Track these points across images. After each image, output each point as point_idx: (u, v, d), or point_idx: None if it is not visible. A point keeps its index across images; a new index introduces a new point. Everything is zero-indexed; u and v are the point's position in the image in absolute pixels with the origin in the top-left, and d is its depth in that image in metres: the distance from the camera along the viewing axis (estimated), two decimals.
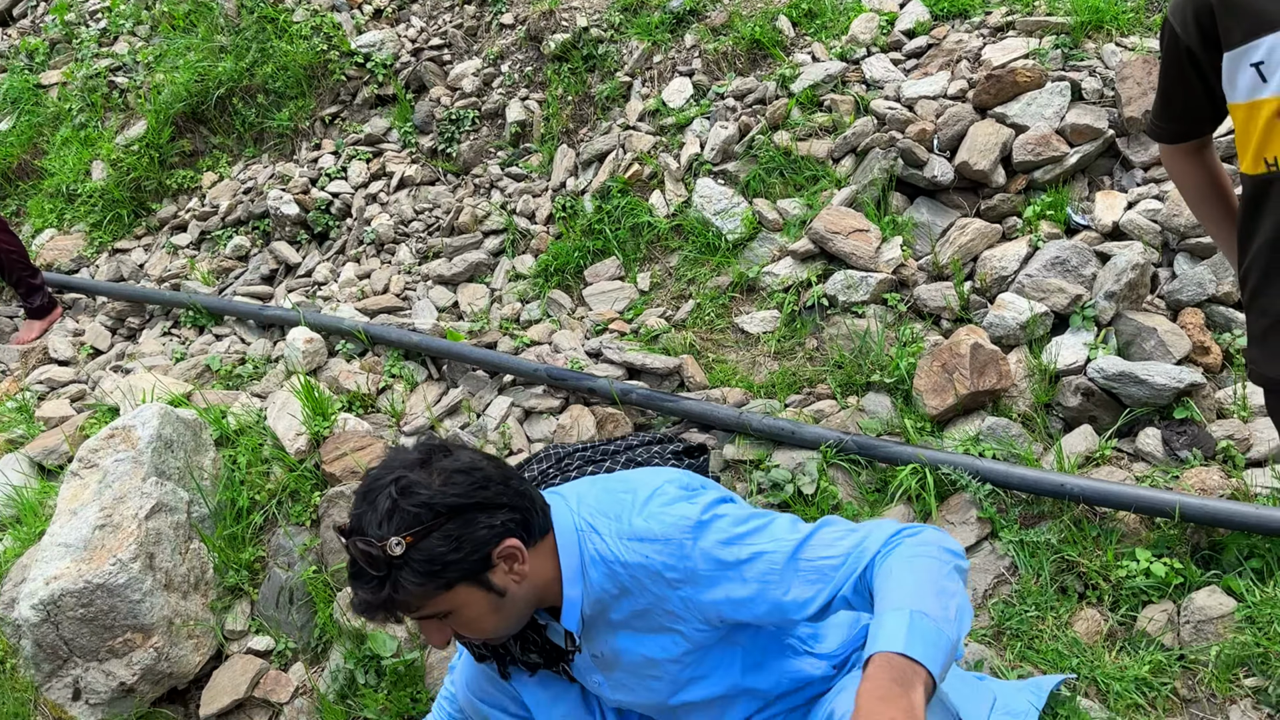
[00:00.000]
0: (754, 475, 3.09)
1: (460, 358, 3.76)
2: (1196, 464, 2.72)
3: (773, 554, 1.61)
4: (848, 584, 1.60)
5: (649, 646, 1.73)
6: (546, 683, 1.93)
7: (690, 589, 1.63)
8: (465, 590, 1.57)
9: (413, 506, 1.52)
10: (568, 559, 1.68)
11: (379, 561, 1.51)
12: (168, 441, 3.40)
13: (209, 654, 3.26)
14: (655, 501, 1.66)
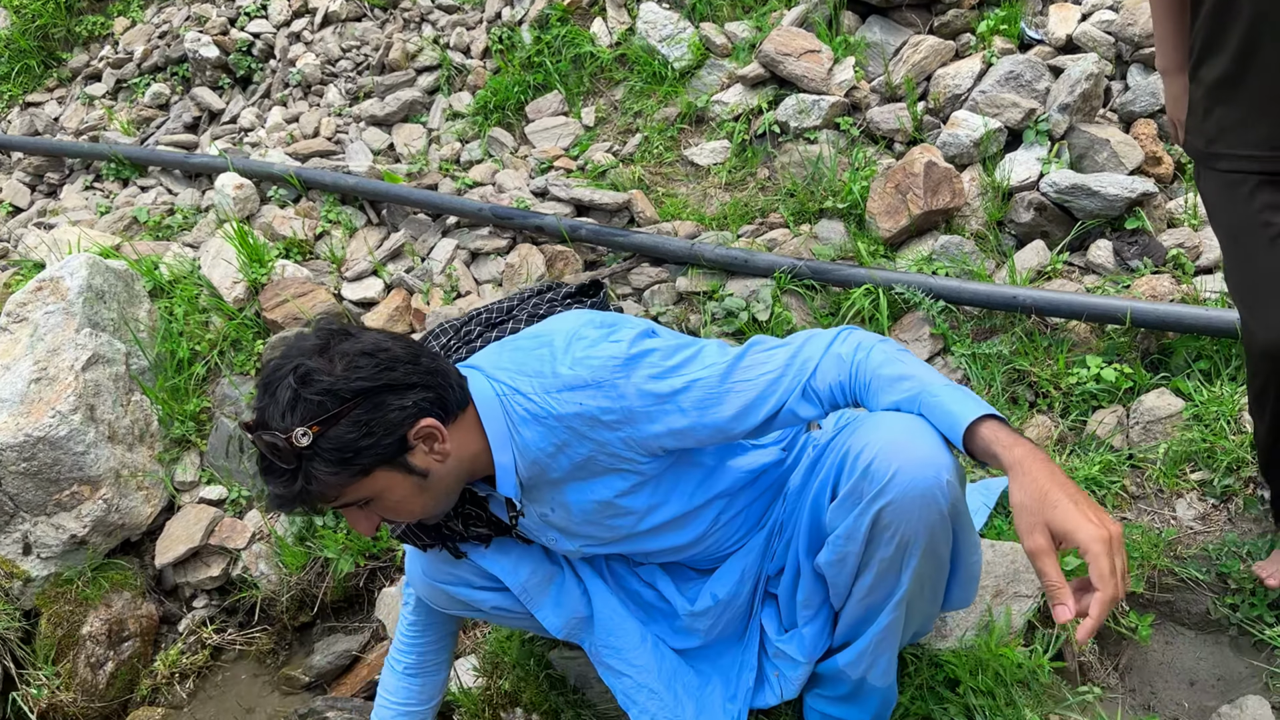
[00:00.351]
0: (708, 306, 3.06)
1: (400, 200, 3.63)
2: (1147, 272, 2.74)
3: (706, 378, 1.58)
4: (793, 395, 1.58)
5: (598, 490, 1.69)
6: (504, 549, 1.87)
7: (629, 428, 1.59)
8: (384, 475, 1.50)
9: (315, 395, 1.42)
10: (493, 427, 1.61)
11: (287, 454, 1.42)
12: (99, 292, 3.27)
13: (160, 506, 3.22)
14: (577, 347, 1.59)
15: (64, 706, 2.93)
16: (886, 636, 1.67)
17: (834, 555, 1.60)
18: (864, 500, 1.49)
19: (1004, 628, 2.02)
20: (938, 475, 1.44)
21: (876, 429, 1.50)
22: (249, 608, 3.14)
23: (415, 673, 2.09)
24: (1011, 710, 1.92)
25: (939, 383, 1.51)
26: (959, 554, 1.61)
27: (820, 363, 1.59)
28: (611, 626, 1.91)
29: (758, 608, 1.94)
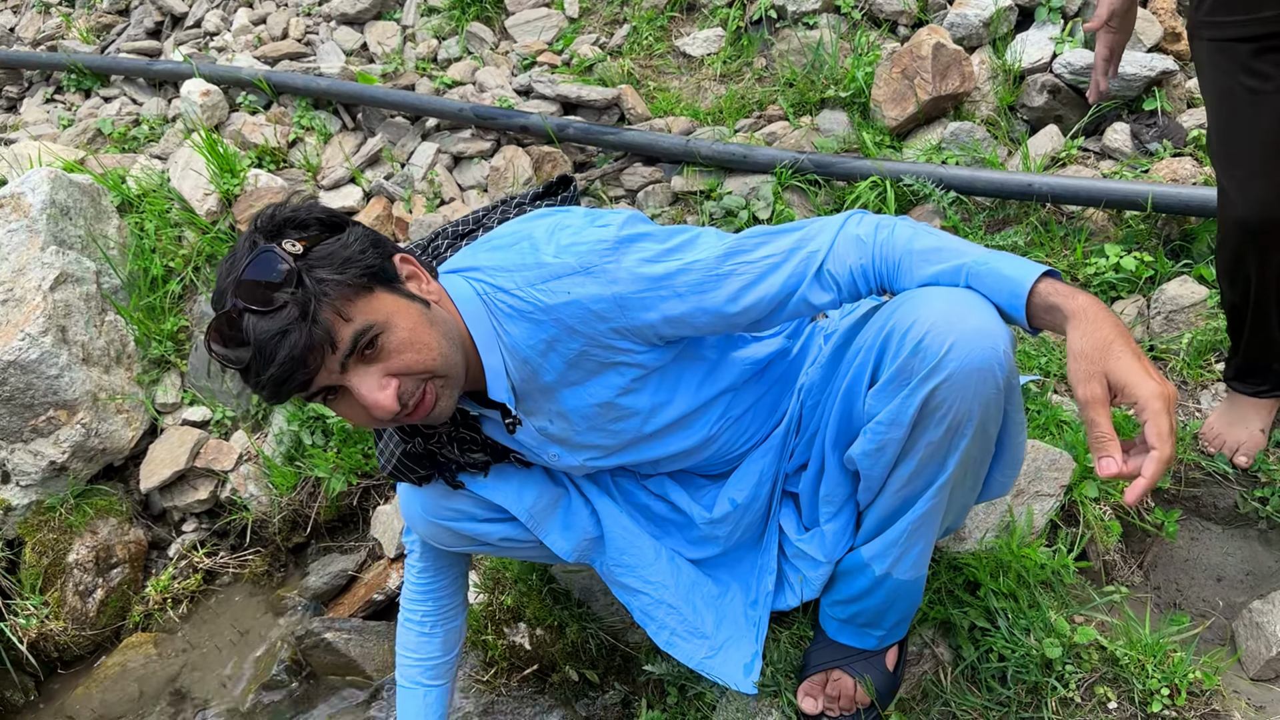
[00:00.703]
0: (705, 205, 2.91)
1: (376, 102, 3.45)
2: (1167, 156, 2.60)
3: (704, 260, 1.47)
4: (805, 281, 1.48)
5: (596, 391, 1.58)
6: (505, 475, 1.76)
7: (622, 316, 1.47)
8: (387, 296, 1.35)
9: (287, 216, 1.33)
10: (478, 328, 1.49)
11: (282, 271, 1.27)
12: (63, 208, 3.10)
13: (142, 429, 3.11)
14: (561, 236, 1.47)
15: (54, 636, 2.86)
16: (922, 525, 1.56)
17: (873, 444, 1.49)
18: (915, 379, 1.38)
19: (1025, 528, 1.93)
20: (995, 346, 1.34)
21: (924, 303, 1.38)
22: (240, 530, 3.05)
23: (434, 621, 2.00)
24: (1035, 613, 1.85)
25: (980, 250, 1.40)
26: (1006, 435, 1.51)
27: (833, 247, 1.48)
28: (623, 545, 1.82)
29: (776, 509, 1.85)
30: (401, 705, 1.99)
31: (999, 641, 1.83)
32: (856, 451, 1.53)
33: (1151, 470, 1.20)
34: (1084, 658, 1.81)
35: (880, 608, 1.72)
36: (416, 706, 1.98)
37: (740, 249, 1.49)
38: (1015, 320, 1.38)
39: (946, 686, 1.86)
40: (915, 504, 1.54)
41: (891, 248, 1.46)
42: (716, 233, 1.54)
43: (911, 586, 1.68)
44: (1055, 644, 1.79)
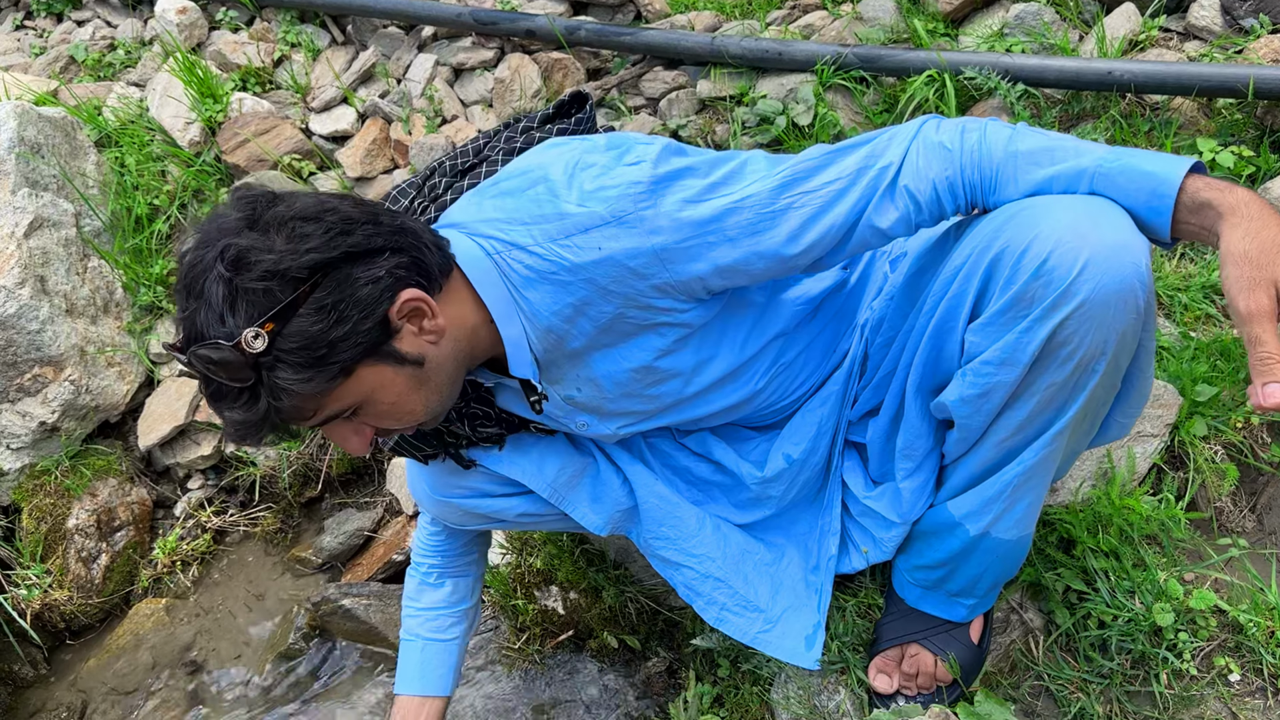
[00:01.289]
0: (736, 112, 2.61)
1: (366, 11, 3.13)
2: (1264, 33, 2.27)
3: (757, 195, 1.21)
4: (872, 203, 1.22)
5: (632, 355, 1.34)
6: (522, 447, 1.54)
7: (665, 271, 1.22)
8: (370, 372, 1.16)
9: (257, 281, 1.07)
10: (492, 294, 1.25)
11: (238, 367, 1.08)
12: (34, 145, 2.84)
13: (137, 382, 2.89)
14: (584, 178, 1.21)
15: (59, 606, 2.69)
16: (1030, 479, 1.32)
17: (975, 389, 1.24)
18: (1037, 309, 1.14)
19: (1126, 475, 1.68)
20: (1137, 263, 1.10)
21: (1044, 214, 1.13)
22: (248, 486, 2.85)
23: (440, 573, 1.79)
24: (1141, 573, 1.61)
25: (1102, 147, 1.15)
26: (1134, 367, 1.26)
27: (907, 158, 1.22)
28: (660, 516, 1.59)
29: (838, 462, 1.61)
30: (401, 661, 1.79)
31: (1099, 606, 1.60)
32: (951, 398, 1.28)
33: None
34: (1200, 624, 1.57)
35: (974, 574, 1.48)
36: (413, 662, 1.77)
37: (798, 177, 1.22)
38: (1154, 228, 1.13)
39: (1038, 658, 1.64)
40: (1021, 455, 1.30)
41: (987, 152, 1.19)
42: (765, 157, 1.27)
43: (1013, 548, 1.43)
44: (1166, 609, 1.56)
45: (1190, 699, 1.55)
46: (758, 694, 1.77)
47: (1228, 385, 1.77)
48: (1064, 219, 1.11)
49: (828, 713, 1.65)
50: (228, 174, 2.94)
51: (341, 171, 2.90)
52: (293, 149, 2.90)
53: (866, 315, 1.54)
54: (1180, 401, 1.73)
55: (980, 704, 1.59)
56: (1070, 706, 1.59)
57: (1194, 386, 1.73)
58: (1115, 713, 1.57)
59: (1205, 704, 1.54)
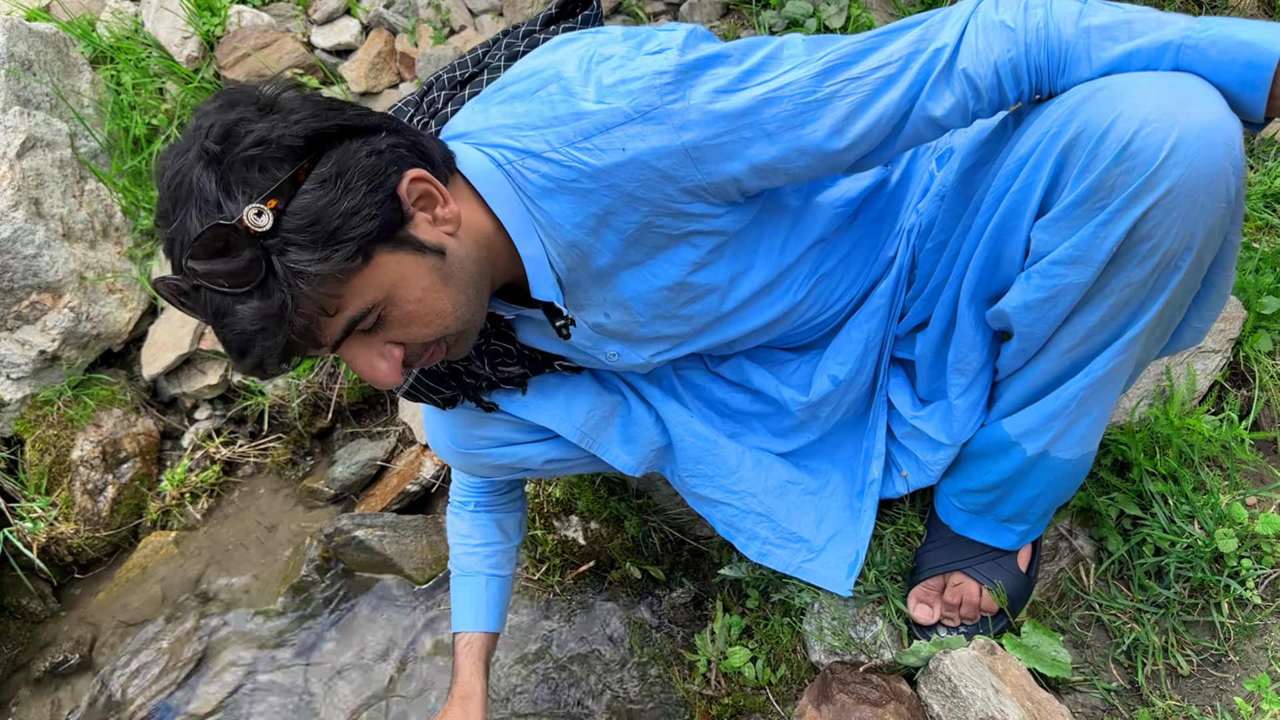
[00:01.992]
0: (763, 15, 2.46)
1: None
2: None
3: (797, 82, 1.09)
4: (929, 87, 1.10)
5: (663, 271, 1.22)
6: (547, 390, 1.43)
7: (697, 172, 1.10)
8: (390, 259, 1.04)
9: (250, 151, 0.96)
10: (506, 209, 1.13)
11: (243, 254, 0.95)
12: (25, 62, 2.71)
13: (140, 309, 2.80)
14: (603, 71, 1.09)
15: (66, 539, 2.62)
16: (1098, 391, 1.22)
17: (1042, 291, 1.13)
18: (1119, 197, 1.02)
19: (1186, 393, 1.58)
20: (1231, 144, 0.99)
21: (1127, 92, 1.01)
22: (257, 416, 2.77)
23: (488, 510, 1.71)
24: (1201, 496, 1.51)
25: (1185, 18, 1.03)
26: (1218, 264, 1.15)
27: (964, 39, 1.10)
28: (697, 454, 1.50)
29: (883, 379, 1.51)
30: (460, 597, 1.69)
31: (1155, 532, 1.51)
32: (1013, 304, 1.17)
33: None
34: (1265, 550, 1.48)
35: (1028, 497, 1.38)
36: (479, 596, 1.68)
37: (843, 62, 1.10)
38: (1248, 104, 1.01)
39: (1089, 587, 1.55)
40: (1089, 366, 1.19)
41: (1055, 29, 1.07)
42: (804, 40, 1.14)
43: (1073, 468, 1.33)
44: (1229, 534, 1.46)
45: (1254, 629, 1.46)
46: (789, 625, 1.69)
47: None
48: (1149, 97, 0.99)
49: (864, 644, 1.57)
50: None
51: (345, 86, 2.77)
52: (294, 63, 2.76)
53: (913, 219, 1.42)
54: (1244, 315, 1.61)
55: (1028, 635, 1.51)
56: (1124, 637, 1.50)
57: (1259, 299, 1.62)
58: (1172, 644, 1.48)
59: (1271, 633, 1.45)
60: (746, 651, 1.74)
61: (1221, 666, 1.46)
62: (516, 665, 2.05)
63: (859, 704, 1.48)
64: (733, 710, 1.73)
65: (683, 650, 1.90)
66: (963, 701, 1.42)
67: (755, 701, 1.71)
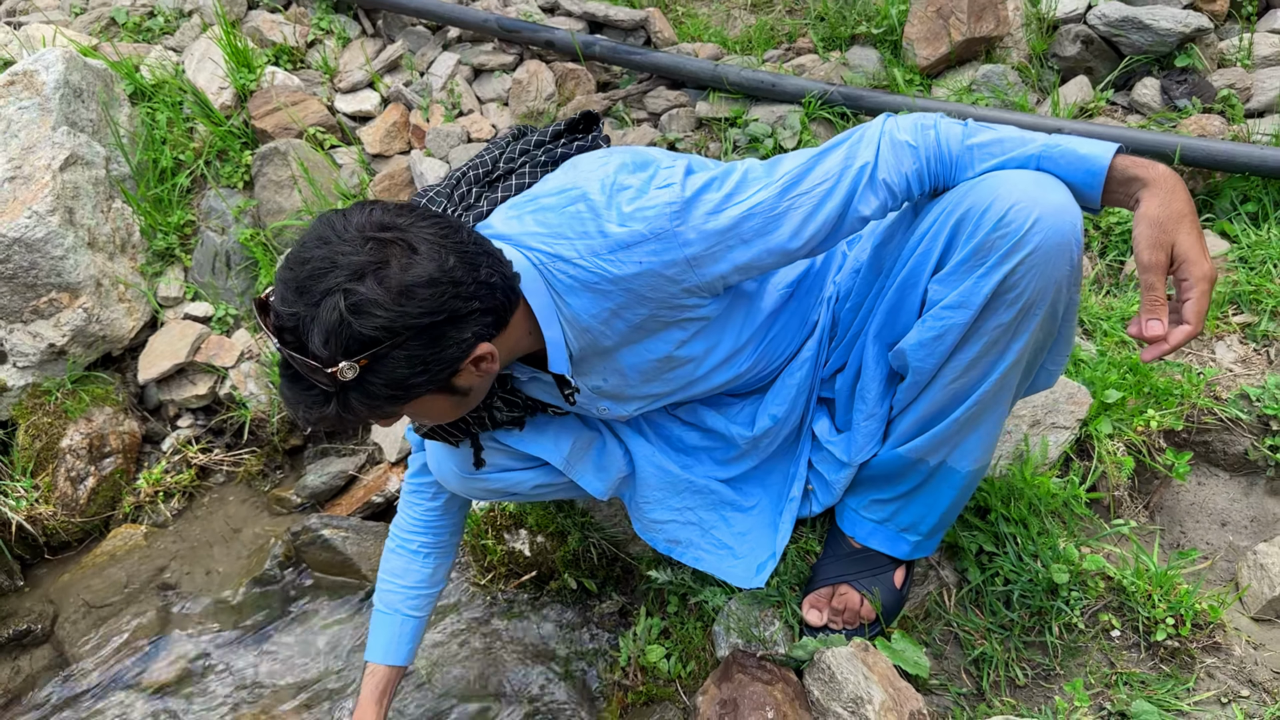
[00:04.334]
0: (729, 133, 2.89)
1: (398, 8, 3.39)
2: (1195, 112, 2.59)
3: (764, 200, 1.45)
4: (858, 194, 1.46)
5: (656, 347, 1.57)
6: (540, 427, 1.75)
7: (694, 275, 1.45)
8: (426, 399, 1.36)
9: (368, 330, 1.22)
10: (538, 300, 1.45)
11: (324, 381, 1.25)
12: (77, 89, 3.04)
13: (143, 320, 3.07)
14: (622, 199, 1.42)
15: (44, 519, 2.83)
16: (980, 413, 1.55)
17: (933, 331, 1.48)
18: (995, 256, 1.38)
19: (1040, 458, 1.94)
20: (1074, 224, 1.35)
21: (1003, 183, 1.38)
22: (237, 429, 3.03)
23: (429, 553, 1.99)
24: (1044, 539, 1.86)
25: (1042, 135, 1.41)
26: (1065, 319, 1.51)
27: (880, 156, 1.46)
28: (654, 481, 1.84)
29: (810, 416, 1.85)
30: (376, 631, 1.97)
31: (1006, 566, 1.85)
32: (910, 343, 1.52)
33: (1177, 339, 1.31)
34: (1090, 585, 1.82)
35: (924, 507, 1.71)
36: (392, 634, 1.96)
37: (793, 181, 1.46)
38: (1088, 197, 1.39)
39: (950, 607, 1.88)
40: (970, 396, 1.53)
41: (947, 146, 1.45)
42: (761, 165, 1.51)
43: (965, 480, 1.66)
44: (1063, 570, 1.80)
45: (1077, 649, 1.79)
46: (701, 627, 1.99)
47: (1132, 395, 2.05)
48: (1019, 185, 1.37)
49: (763, 639, 1.87)
50: (254, 138, 3.15)
51: (361, 148, 3.13)
52: (318, 122, 3.12)
53: (832, 289, 1.79)
54: (1090, 401, 1.99)
55: (896, 641, 1.82)
56: (973, 650, 1.82)
57: (1104, 390, 2.00)
58: (1013, 658, 1.80)
59: (1089, 654, 1.78)
60: (662, 649, 2.02)
61: (1051, 679, 1.78)
62: (458, 655, 2.30)
63: (753, 681, 1.78)
64: (645, 698, 2.01)
65: (607, 650, 2.18)
66: (838, 686, 1.72)
67: (665, 692, 1.98)
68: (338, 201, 2.98)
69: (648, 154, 1.52)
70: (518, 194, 1.55)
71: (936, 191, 1.50)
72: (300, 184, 2.97)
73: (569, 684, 2.20)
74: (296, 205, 2.98)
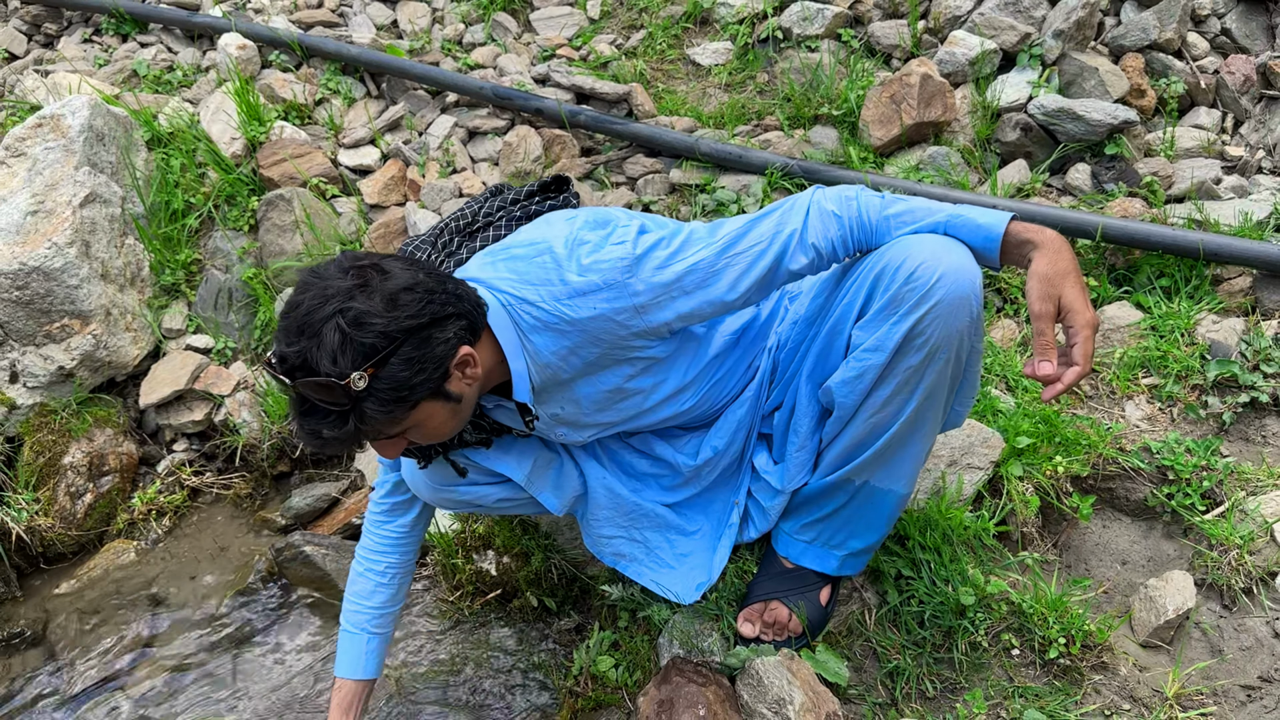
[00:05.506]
0: (699, 198, 3.15)
1: (402, 73, 3.67)
2: (1121, 195, 2.86)
3: (705, 258, 1.68)
4: (787, 254, 1.69)
5: (608, 379, 1.79)
6: (505, 447, 1.95)
7: (642, 320, 1.68)
8: (427, 406, 1.55)
9: (368, 338, 1.42)
10: (505, 337, 1.66)
11: (339, 397, 1.42)
12: (99, 134, 3.29)
13: (147, 349, 3.28)
14: (581, 253, 1.65)
15: (42, 531, 3.01)
16: (899, 439, 1.75)
17: (854, 371, 1.69)
18: (905, 306, 1.60)
19: (955, 493, 2.16)
20: (974, 281, 1.57)
21: (915, 245, 1.60)
22: (229, 454, 3.22)
23: (394, 574, 2.15)
24: (955, 565, 2.07)
25: (948, 206, 1.65)
26: (968, 367, 1.72)
27: (808, 223, 1.69)
28: (605, 501, 2.03)
29: (750, 450, 2.06)
30: (344, 649, 2.13)
31: (921, 589, 2.06)
32: (835, 381, 1.74)
33: (1070, 378, 1.50)
34: (994, 608, 2.03)
35: (850, 524, 1.91)
36: (359, 651, 2.11)
37: (731, 242, 1.69)
38: (986, 258, 1.61)
39: (870, 626, 2.08)
40: (888, 428, 1.74)
41: (867, 216, 1.68)
42: (705, 226, 1.74)
43: (888, 500, 1.86)
44: (970, 593, 2.01)
45: (981, 665, 1.99)
46: (648, 640, 2.18)
47: (1044, 443, 2.27)
48: (927, 247, 1.60)
49: (701, 649, 2.06)
50: (260, 186, 3.40)
51: (360, 199, 3.38)
52: (321, 173, 3.38)
53: (774, 338, 2.02)
54: (1003, 446, 2.22)
55: (820, 653, 2.02)
56: (889, 664, 2.02)
57: (1016, 436, 2.23)
58: (924, 673, 2.00)
59: (991, 670, 1.98)
60: (612, 659, 2.21)
61: (957, 692, 1.98)
62: (425, 666, 2.48)
63: (688, 683, 1.97)
64: (594, 704, 2.19)
65: (563, 661, 2.36)
66: (765, 689, 1.92)
67: (613, 698, 2.17)
68: (336, 246, 3.22)
69: (608, 214, 1.76)
70: (494, 244, 1.79)
71: (861, 253, 1.74)
72: (302, 229, 3.21)
73: (525, 692, 2.37)
74: (298, 248, 3.22)
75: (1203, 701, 1.90)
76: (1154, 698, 1.91)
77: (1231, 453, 2.33)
